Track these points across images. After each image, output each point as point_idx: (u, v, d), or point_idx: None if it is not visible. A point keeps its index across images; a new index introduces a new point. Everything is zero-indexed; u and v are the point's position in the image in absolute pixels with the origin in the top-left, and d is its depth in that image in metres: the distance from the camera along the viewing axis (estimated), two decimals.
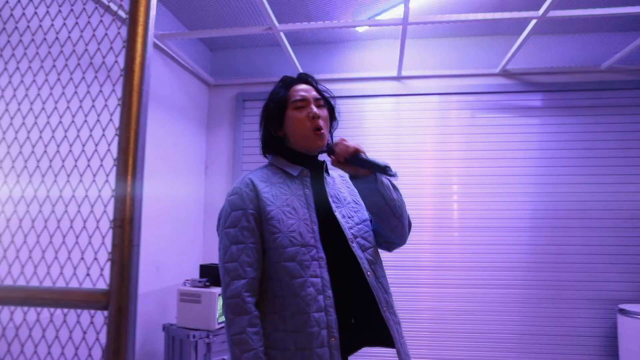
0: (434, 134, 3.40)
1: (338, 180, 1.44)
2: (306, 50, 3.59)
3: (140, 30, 0.73)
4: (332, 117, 1.42)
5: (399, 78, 3.44)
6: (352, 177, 1.30)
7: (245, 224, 1.23)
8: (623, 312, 2.92)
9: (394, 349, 1.26)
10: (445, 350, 3.22)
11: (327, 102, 1.40)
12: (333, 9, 3.03)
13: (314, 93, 1.36)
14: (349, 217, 1.33)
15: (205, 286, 2.68)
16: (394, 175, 1.20)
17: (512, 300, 3.22)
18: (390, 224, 1.30)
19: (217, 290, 2.63)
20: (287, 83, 1.40)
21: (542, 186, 3.29)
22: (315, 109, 1.31)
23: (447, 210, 3.35)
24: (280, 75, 3.63)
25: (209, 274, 2.77)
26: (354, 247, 1.26)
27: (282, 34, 2.83)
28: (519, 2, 2.87)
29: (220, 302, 2.64)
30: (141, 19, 0.73)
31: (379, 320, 1.26)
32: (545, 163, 3.31)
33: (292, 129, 1.33)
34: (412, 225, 1.40)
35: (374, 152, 3.26)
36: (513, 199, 3.29)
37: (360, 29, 3.31)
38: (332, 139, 1.41)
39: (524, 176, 3.31)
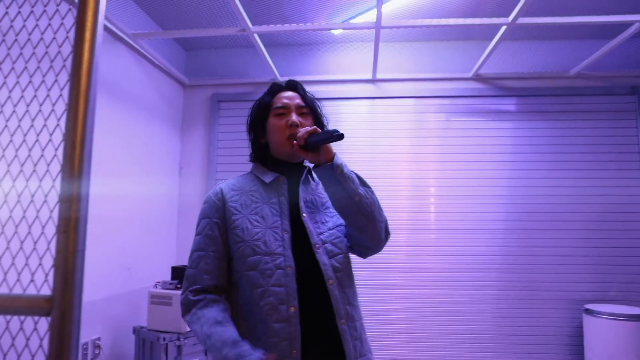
0: (409, 137, 3.44)
1: (322, 186, 1.41)
2: (282, 52, 3.59)
3: (87, 35, 0.73)
4: (320, 125, 1.39)
5: (373, 81, 3.47)
6: (314, 167, 1.25)
7: (208, 232, 1.25)
8: (588, 311, 2.99)
9: None
10: (419, 351, 3.26)
11: (312, 110, 1.37)
12: (308, 11, 3.04)
13: (298, 101, 1.34)
14: (322, 223, 1.30)
15: (176, 288, 2.66)
16: (339, 136, 1.15)
17: (484, 301, 3.28)
18: (358, 222, 1.23)
19: None
20: (274, 90, 1.39)
21: (514, 189, 3.35)
22: (294, 117, 1.30)
23: (422, 212, 3.39)
24: (256, 77, 3.67)
25: (181, 276, 2.74)
26: (319, 252, 1.22)
27: (256, 36, 2.83)
28: (491, 7, 2.93)
29: None
30: (89, 24, 0.73)
31: (336, 332, 1.19)
32: (518, 166, 3.37)
33: (270, 136, 1.34)
34: (390, 232, 1.35)
35: (350, 155, 3.33)
36: (486, 202, 3.35)
37: (335, 32, 3.33)
38: None
39: (497, 179, 3.37)
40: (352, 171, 1.25)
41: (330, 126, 1.30)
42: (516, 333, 3.24)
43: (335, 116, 3.50)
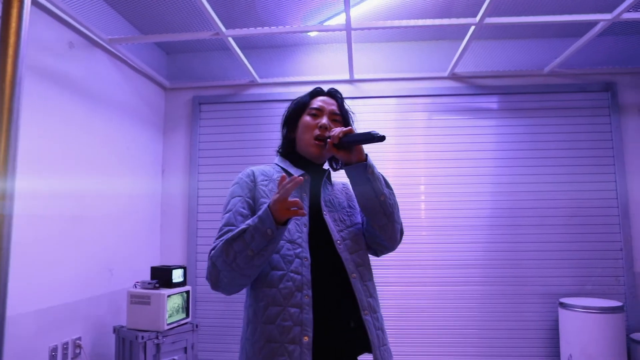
0: (392, 136, 3.48)
1: (339, 187, 1.49)
2: (261, 54, 3.65)
3: (11, 40, 0.77)
4: None
5: (351, 81, 3.52)
6: (345, 166, 1.31)
7: (240, 209, 1.29)
8: (563, 305, 3.05)
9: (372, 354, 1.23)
10: (406, 347, 3.31)
11: (345, 120, 1.44)
12: (283, 14, 3.09)
13: (334, 107, 1.41)
14: (341, 221, 1.37)
15: (155, 288, 2.71)
16: (381, 137, 1.19)
17: (466, 297, 3.33)
18: (380, 222, 1.32)
19: (166, 291, 2.67)
20: (315, 92, 1.46)
21: (492, 186, 3.40)
22: (325, 120, 1.37)
23: (406, 210, 3.43)
24: (235, 79, 3.71)
25: (160, 276, 2.80)
26: (341, 248, 1.29)
27: (231, 39, 2.88)
28: (462, 8, 2.98)
29: (169, 304, 2.67)
30: (12, 40, 0.77)
31: (360, 323, 1.25)
32: (495, 164, 3.43)
33: (300, 133, 1.41)
34: (404, 233, 1.44)
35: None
36: (467, 199, 3.40)
37: (311, 34, 3.38)
38: None
39: (475, 176, 3.42)
40: (379, 172, 1.33)
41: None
42: (496, 327, 3.29)
43: None
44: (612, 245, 3.29)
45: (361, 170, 1.27)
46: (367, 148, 1.33)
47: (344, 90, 3.52)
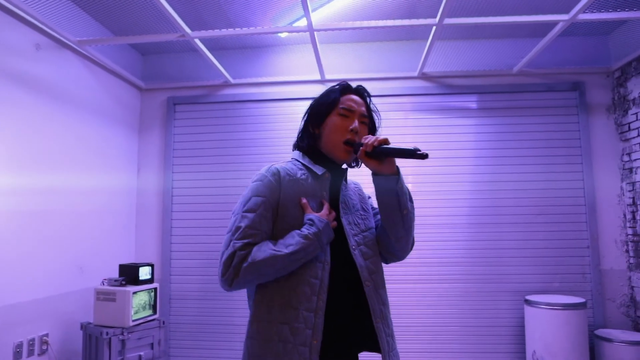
0: None
1: (351, 188, 1.44)
2: (233, 55, 3.69)
3: None
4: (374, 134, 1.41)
5: (323, 81, 3.57)
6: (374, 174, 1.28)
7: (263, 212, 1.23)
8: (528, 302, 3.09)
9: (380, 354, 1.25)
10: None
11: (371, 122, 1.40)
12: (252, 15, 3.14)
13: (363, 109, 1.35)
14: (355, 224, 1.33)
15: (122, 285, 2.76)
16: (423, 155, 1.16)
17: (436, 294, 3.37)
18: (398, 233, 1.30)
19: (132, 288, 2.72)
20: (344, 88, 1.38)
21: (463, 184, 3.44)
22: (356, 124, 1.31)
23: None
24: (209, 80, 3.75)
25: (127, 273, 2.85)
26: (356, 254, 1.27)
27: (197, 41, 2.92)
28: (426, 9, 3.01)
29: (135, 300, 2.72)
30: None
31: (370, 330, 1.25)
32: (466, 162, 3.47)
33: (327, 133, 1.33)
34: (414, 244, 1.41)
35: None
36: (436, 197, 3.44)
37: (282, 35, 3.42)
38: None
39: (447, 175, 3.46)
40: (406, 186, 1.31)
41: (286, 127, 1.37)
42: (465, 324, 3.33)
43: (293, 116, 3.59)
44: (579, 243, 3.32)
45: (392, 183, 1.25)
46: None
47: (315, 90, 3.57)
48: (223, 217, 3.56)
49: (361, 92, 1.39)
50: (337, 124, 1.32)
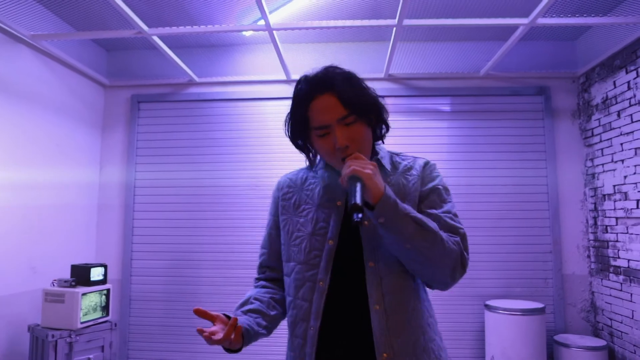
0: None
1: (394, 180, 1.17)
2: (198, 53, 3.64)
3: None
4: (376, 122, 1.13)
5: (288, 81, 3.53)
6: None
7: (270, 231, 1.26)
8: (488, 307, 3.07)
9: None
10: None
11: (361, 112, 1.07)
12: (215, 13, 3.08)
13: (339, 109, 1.04)
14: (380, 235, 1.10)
15: (71, 286, 2.70)
16: (356, 220, 0.88)
17: None
18: (412, 267, 1.04)
19: (82, 289, 2.66)
20: (304, 96, 1.08)
21: None
22: (338, 136, 1.03)
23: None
24: (175, 78, 3.69)
25: (78, 274, 2.78)
26: (369, 271, 1.05)
27: (156, 38, 2.87)
28: (391, 10, 2.98)
29: (84, 302, 2.66)
30: None
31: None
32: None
33: (321, 155, 1.15)
34: (466, 268, 1.09)
35: (273, 154, 3.36)
36: None
37: (247, 34, 3.38)
38: (387, 125, 1.20)
39: None
40: (407, 215, 0.97)
41: (255, 127, 1.29)
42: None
43: (262, 116, 3.55)
44: (542, 248, 3.32)
45: (372, 216, 0.97)
46: None
47: (282, 90, 3.55)
48: (187, 217, 3.51)
49: (327, 86, 1.05)
50: (321, 146, 1.08)
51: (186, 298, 3.45)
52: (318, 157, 1.21)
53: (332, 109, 1.04)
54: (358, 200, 0.89)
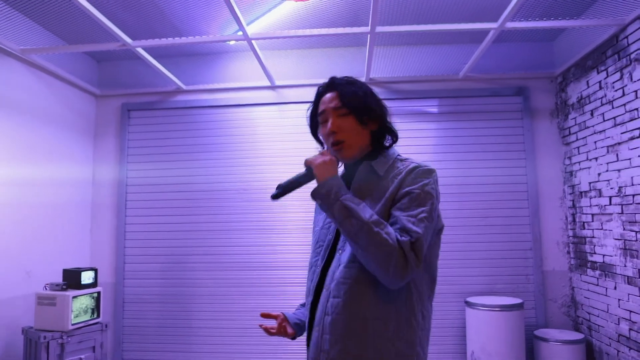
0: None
1: (372, 177, 1.26)
2: (185, 62, 3.75)
3: None
4: (369, 116, 1.26)
5: (273, 87, 3.63)
6: None
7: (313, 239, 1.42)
8: (468, 303, 3.15)
9: None
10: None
11: (353, 108, 1.23)
12: (198, 23, 3.19)
13: (335, 102, 1.24)
14: None
15: (63, 289, 2.81)
16: (271, 195, 1.22)
17: None
18: (355, 250, 1.14)
19: (72, 292, 2.77)
20: (318, 93, 1.33)
21: None
22: (330, 124, 1.23)
23: None
24: (163, 86, 3.79)
25: (69, 278, 2.90)
26: (336, 257, 1.22)
27: (140, 49, 2.98)
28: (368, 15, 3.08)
29: (75, 304, 2.77)
30: None
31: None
32: None
33: (323, 142, 1.35)
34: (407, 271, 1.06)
35: (266, 158, 3.46)
36: None
37: (231, 42, 3.48)
38: (393, 135, 1.35)
39: None
40: (339, 201, 1.12)
41: (244, 132, 1.38)
42: None
43: (249, 121, 3.65)
44: (522, 245, 3.39)
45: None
46: (289, 151, 1.34)
47: (267, 96, 3.65)
48: (178, 221, 3.62)
49: (331, 85, 1.28)
50: (322, 133, 1.30)
51: (179, 300, 3.56)
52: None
53: (332, 100, 1.26)
54: (284, 181, 1.21)
